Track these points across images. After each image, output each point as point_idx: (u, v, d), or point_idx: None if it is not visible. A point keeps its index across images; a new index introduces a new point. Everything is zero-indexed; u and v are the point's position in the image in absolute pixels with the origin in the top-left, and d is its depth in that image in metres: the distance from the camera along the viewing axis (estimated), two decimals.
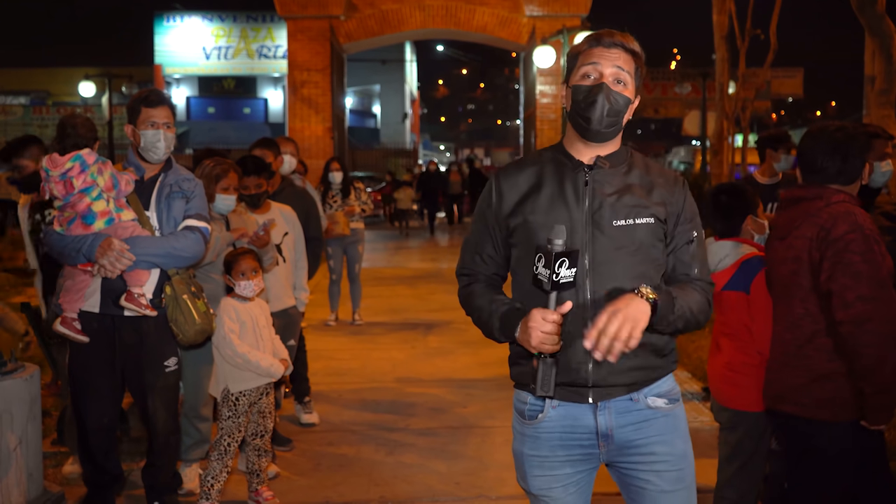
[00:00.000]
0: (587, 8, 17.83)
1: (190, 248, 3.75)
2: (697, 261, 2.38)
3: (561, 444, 2.36)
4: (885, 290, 2.78)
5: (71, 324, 3.71)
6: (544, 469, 2.39)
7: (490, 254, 2.45)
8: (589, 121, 2.28)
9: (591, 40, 2.34)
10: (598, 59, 2.29)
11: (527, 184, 2.37)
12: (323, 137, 17.77)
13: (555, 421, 2.36)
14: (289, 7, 17.77)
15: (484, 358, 7.26)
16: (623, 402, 2.32)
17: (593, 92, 2.27)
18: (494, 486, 4.52)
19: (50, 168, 3.66)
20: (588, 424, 2.33)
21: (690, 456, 2.40)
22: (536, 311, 2.17)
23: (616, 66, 2.29)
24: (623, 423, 2.33)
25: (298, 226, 5.10)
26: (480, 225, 2.46)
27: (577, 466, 2.38)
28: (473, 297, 2.44)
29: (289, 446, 5.05)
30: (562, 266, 2.10)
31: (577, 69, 2.33)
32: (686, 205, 2.37)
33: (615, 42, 2.30)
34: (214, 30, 32.60)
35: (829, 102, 62.06)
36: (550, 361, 2.19)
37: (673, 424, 2.36)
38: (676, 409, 2.39)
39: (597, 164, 2.32)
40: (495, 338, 2.39)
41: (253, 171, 4.75)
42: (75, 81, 28.54)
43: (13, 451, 3.81)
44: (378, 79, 40.65)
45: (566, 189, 2.32)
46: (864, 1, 9.85)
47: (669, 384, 2.38)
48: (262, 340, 4.12)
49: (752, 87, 20.62)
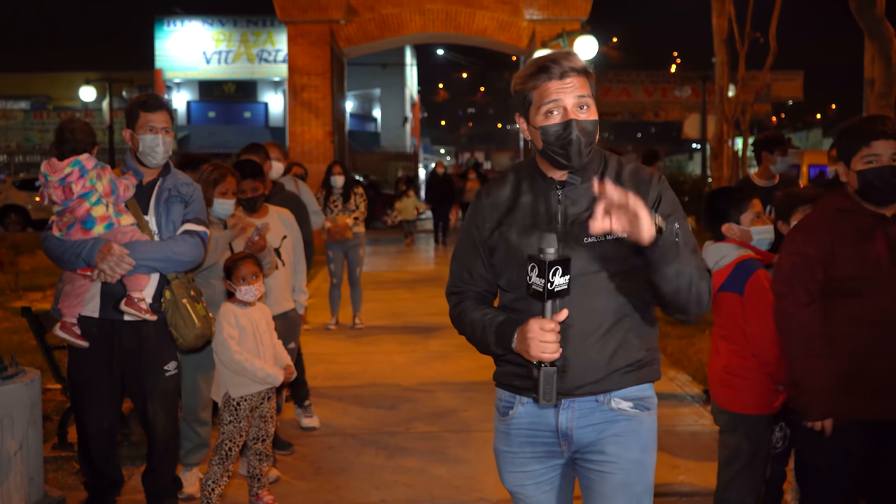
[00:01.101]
0: (587, 12, 17.86)
1: (189, 252, 3.75)
2: (687, 250, 2.31)
3: (528, 441, 2.39)
4: None
5: (70, 329, 3.71)
6: (515, 465, 2.44)
7: (479, 272, 2.46)
8: (569, 157, 2.27)
9: (540, 74, 2.26)
10: (557, 95, 2.24)
11: (505, 203, 2.40)
12: (323, 141, 17.78)
13: (523, 417, 2.40)
14: (289, 11, 17.79)
15: (484, 361, 7.19)
16: (588, 402, 2.32)
17: (566, 131, 2.25)
18: (495, 490, 4.52)
19: (49, 173, 3.66)
20: (549, 422, 2.36)
21: (647, 466, 2.35)
22: (533, 320, 2.18)
23: (576, 96, 2.25)
24: (584, 424, 2.33)
25: (297, 229, 5.11)
26: (468, 242, 2.47)
27: (545, 463, 2.39)
28: (465, 314, 2.45)
29: (289, 450, 5.05)
30: (555, 274, 2.11)
31: (537, 108, 2.28)
32: (662, 201, 2.33)
33: (565, 70, 2.25)
34: (215, 34, 32.63)
35: (829, 105, 62.04)
36: (552, 370, 2.19)
37: (633, 429, 2.33)
38: (644, 416, 2.35)
39: (569, 181, 2.32)
40: (491, 352, 2.40)
41: (249, 175, 4.76)
42: (76, 86, 28.56)
43: (14, 456, 3.82)
44: (378, 83, 40.65)
45: (539, 208, 2.34)
46: (863, 4, 9.86)
47: (640, 392, 2.35)
48: (262, 346, 4.11)
49: (752, 90, 20.62)
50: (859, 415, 2.96)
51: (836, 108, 60.55)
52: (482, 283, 2.47)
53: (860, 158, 2.97)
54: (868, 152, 2.96)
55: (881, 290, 2.92)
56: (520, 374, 2.36)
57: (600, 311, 2.28)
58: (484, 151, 63.54)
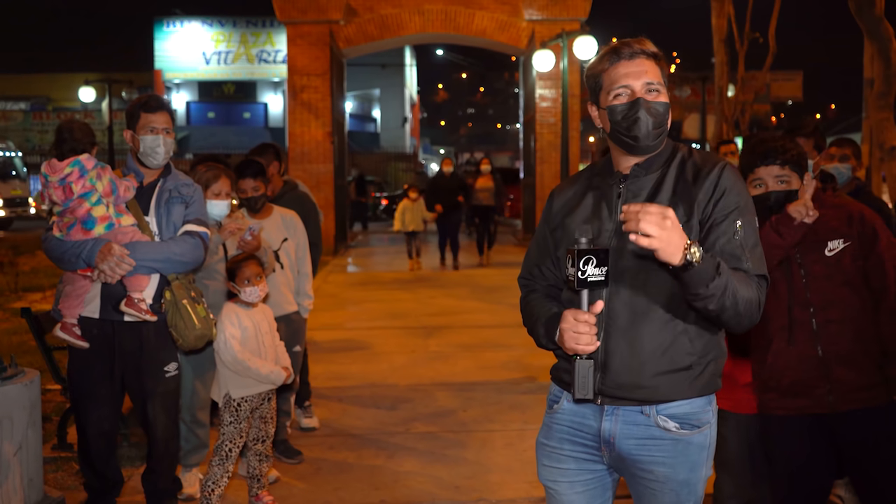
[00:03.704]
0: (586, 12, 17.85)
1: (189, 253, 3.75)
2: (748, 252, 2.18)
3: (569, 439, 2.35)
4: None
5: (71, 329, 3.71)
6: (552, 460, 2.39)
7: (548, 268, 2.44)
8: (637, 139, 2.24)
9: (610, 56, 2.27)
10: (625, 76, 2.23)
11: (574, 198, 2.39)
12: (323, 142, 17.76)
13: (566, 414, 2.36)
14: (288, 12, 17.79)
15: (484, 362, 7.25)
16: (632, 412, 2.25)
17: (633, 109, 2.22)
18: (495, 490, 4.52)
19: (49, 174, 3.66)
20: (592, 426, 2.31)
21: (695, 483, 2.29)
22: (568, 312, 2.16)
23: (645, 77, 2.23)
24: (627, 435, 2.26)
25: (301, 231, 5.03)
26: (539, 237, 2.48)
27: (583, 465, 2.35)
28: (529, 307, 2.44)
29: (298, 459, 4.94)
30: (588, 264, 2.08)
31: (607, 91, 2.27)
32: (725, 192, 2.20)
33: (636, 52, 2.24)
34: (214, 35, 32.66)
35: (829, 105, 62.08)
36: (587, 363, 2.15)
37: (682, 451, 2.24)
38: (693, 435, 2.25)
39: (632, 174, 2.29)
40: (544, 345, 2.36)
41: (250, 175, 4.73)
42: (75, 87, 28.58)
43: (13, 457, 3.81)
44: (378, 83, 40.69)
45: (602, 201, 2.31)
46: (863, 4, 9.87)
47: (689, 408, 2.24)
48: (263, 347, 4.11)
49: (752, 90, 20.65)
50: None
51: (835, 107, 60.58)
52: (550, 277, 2.45)
53: (749, 183, 3.04)
54: (752, 177, 3.04)
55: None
56: (567, 368, 2.32)
57: (649, 310, 2.19)
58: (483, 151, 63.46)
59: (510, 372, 6.94)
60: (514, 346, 7.63)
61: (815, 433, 3.04)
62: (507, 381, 6.75)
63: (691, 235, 2.18)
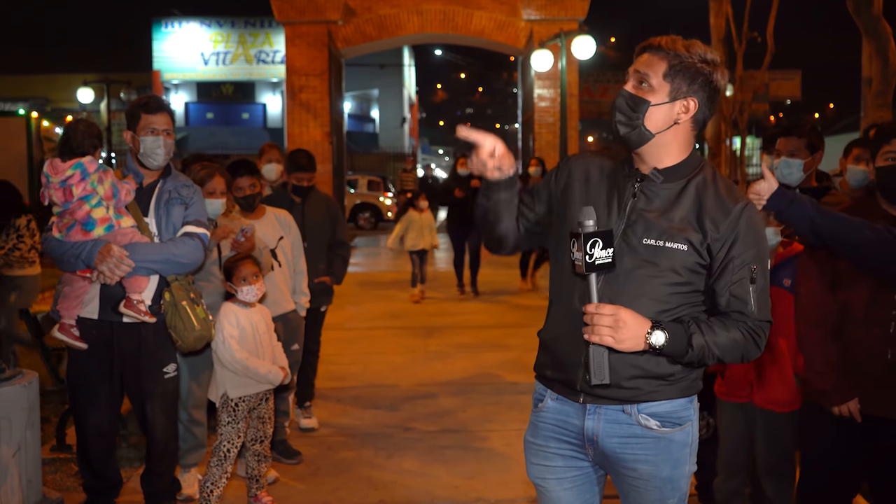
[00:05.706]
0: (584, 12, 17.85)
1: (189, 254, 3.76)
2: (754, 297, 2.19)
3: (554, 437, 2.39)
4: None
5: (69, 330, 3.71)
6: (539, 458, 2.43)
7: (535, 201, 2.44)
8: (615, 132, 2.29)
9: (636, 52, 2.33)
10: (629, 70, 2.30)
11: (595, 173, 2.36)
12: (321, 142, 17.76)
13: (551, 412, 2.39)
14: (286, 13, 17.79)
15: (483, 362, 7.26)
16: (614, 411, 2.28)
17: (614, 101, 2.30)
18: (493, 490, 4.52)
19: (50, 174, 3.65)
20: (576, 424, 2.34)
21: (678, 479, 2.31)
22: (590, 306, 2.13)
23: (637, 70, 2.26)
24: (610, 433, 2.29)
25: (295, 229, 5.07)
26: (542, 183, 2.47)
27: (570, 462, 2.38)
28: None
29: (297, 459, 4.95)
30: (594, 247, 2.07)
31: None
32: (742, 234, 2.19)
33: (644, 47, 2.28)
34: (213, 35, 32.64)
35: (828, 104, 62.06)
36: (603, 349, 2.13)
37: (664, 448, 2.27)
38: (674, 433, 2.27)
39: (650, 177, 2.27)
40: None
41: (247, 173, 4.77)
42: (74, 87, 28.56)
43: (12, 458, 3.82)
44: (376, 83, 40.67)
45: (614, 195, 2.30)
46: (861, 3, 9.88)
47: (670, 407, 2.27)
48: (261, 347, 4.12)
49: (750, 89, 20.66)
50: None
51: (834, 107, 60.55)
52: (527, 202, 2.45)
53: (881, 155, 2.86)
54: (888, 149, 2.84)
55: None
56: (550, 364, 2.36)
57: (640, 314, 2.17)
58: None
59: (509, 372, 6.95)
60: (514, 347, 7.65)
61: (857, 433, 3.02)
62: (506, 381, 6.76)
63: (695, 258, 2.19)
